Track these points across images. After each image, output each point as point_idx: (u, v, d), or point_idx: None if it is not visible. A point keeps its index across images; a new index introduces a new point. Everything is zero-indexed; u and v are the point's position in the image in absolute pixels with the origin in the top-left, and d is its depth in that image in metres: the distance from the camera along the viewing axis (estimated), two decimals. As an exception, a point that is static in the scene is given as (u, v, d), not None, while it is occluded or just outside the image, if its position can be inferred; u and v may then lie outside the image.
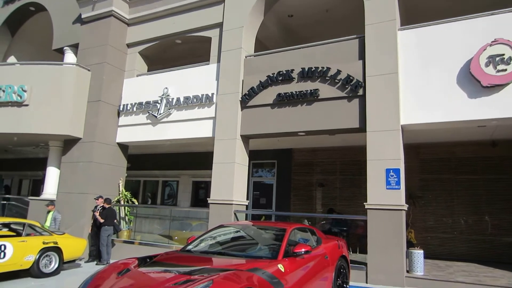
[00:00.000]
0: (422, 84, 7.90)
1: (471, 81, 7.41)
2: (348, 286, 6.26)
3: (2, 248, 7.15)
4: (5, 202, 14.25)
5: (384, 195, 7.68)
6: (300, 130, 9.01)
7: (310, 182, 12.61)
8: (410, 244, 8.86)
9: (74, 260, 8.80)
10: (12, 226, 8.24)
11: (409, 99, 7.95)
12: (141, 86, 11.60)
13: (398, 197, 7.60)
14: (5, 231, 8.08)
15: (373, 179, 7.85)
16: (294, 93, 8.94)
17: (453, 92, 7.58)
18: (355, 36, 8.73)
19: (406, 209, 7.80)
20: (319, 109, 8.76)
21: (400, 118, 7.88)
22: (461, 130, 9.01)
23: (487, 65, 7.24)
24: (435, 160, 11.07)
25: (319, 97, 8.73)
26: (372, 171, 7.87)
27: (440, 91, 7.71)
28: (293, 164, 12.88)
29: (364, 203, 7.88)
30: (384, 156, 7.82)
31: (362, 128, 8.24)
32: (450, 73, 7.67)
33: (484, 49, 7.32)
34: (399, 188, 7.61)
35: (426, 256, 8.03)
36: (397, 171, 7.69)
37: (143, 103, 11.19)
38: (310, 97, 8.79)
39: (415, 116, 7.88)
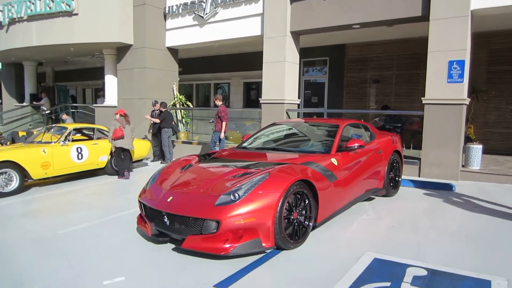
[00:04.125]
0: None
1: None
2: (400, 179, 6.35)
3: (79, 150, 7.97)
4: (73, 110, 15.45)
5: (445, 89, 7.24)
6: (355, 23, 8.38)
7: (363, 79, 12.13)
8: (468, 140, 8.58)
9: (141, 160, 9.67)
10: (84, 131, 9.06)
11: (484, -23, 6.91)
12: (184, -16, 11.11)
13: (460, 91, 7.14)
14: (79, 136, 8.92)
15: (433, 72, 7.34)
16: (348, -20, 8.12)
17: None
18: None
19: (468, 103, 7.37)
20: (375, -3, 7.97)
21: (470, 2, 6.98)
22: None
23: None
24: (507, 49, 9.96)
25: (376, -17, 7.88)
26: (433, 64, 7.33)
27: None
28: (346, 60, 12.30)
29: (422, 98, 7.53)
30: (448, 46, 7.17)
31: (425, 16, 7.45)
32: None
33: None
34: (462, 82, 7.11)
35: (485, 152, 7.79)
36: (461, 63, 7.10)
37: (188, 3, 10.85)
38: (366, -16, 7.96)
39: (490, -2, 6.93)
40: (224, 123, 8.82)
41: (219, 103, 9.06)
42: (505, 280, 3.15)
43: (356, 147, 4.94)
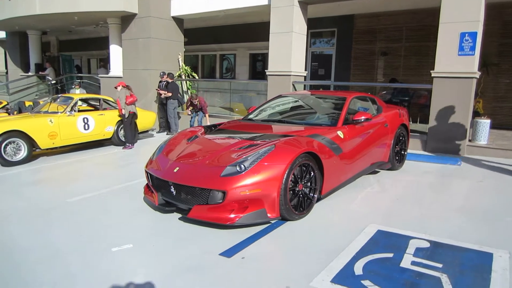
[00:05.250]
0: None
1: None
2: (405, 153, 6.35)
3: (85, 121, 8.00)
4: (79, 80, 15.38)
5: (455, 62, 7.09)
6: (364, -9, 8.15)
7: (372, 51, 11.89)
8: (476, 114, 8.48)
9: (147, 131, 9.71)
10: (90, 101, 9.05)
11: None
12: (189, -49, 10.77)
13: (471, 64, 6.99)
14: (85, 107, 8.92)
15: (444, 44, 7.17)
16: None
17: None
18: None
19: (478, 77, 7.24)
20: (387, -35, 7.70)
21: (485, -30, 6.74)
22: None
23: None
24: (521, 21, 9.68)
25: (388, -50, 7.58)
26: (444, 36, 7.14)
27: None
28: (355, 32, 12.03)
29: (431, 71, 7.40)
30: (460, 18, 6.96)
31: (437, -15, 7.23)
32: None
33: None
34: (473, 54, 6.95)
35: (493, 127, 7.71)
36: (473, 35, 6.91)
37: (194, -29, 10.57)
38: (378, -50, 7.67)
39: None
40: (207, 115, 9.85)
41: (196, 101, 9.74)
42: (507, 253, 3.19)
43: (362, 120, 4.91)
